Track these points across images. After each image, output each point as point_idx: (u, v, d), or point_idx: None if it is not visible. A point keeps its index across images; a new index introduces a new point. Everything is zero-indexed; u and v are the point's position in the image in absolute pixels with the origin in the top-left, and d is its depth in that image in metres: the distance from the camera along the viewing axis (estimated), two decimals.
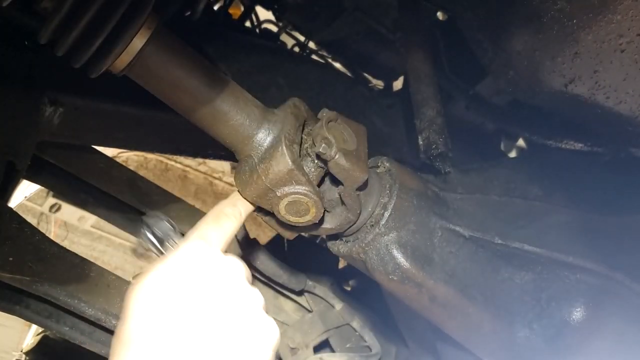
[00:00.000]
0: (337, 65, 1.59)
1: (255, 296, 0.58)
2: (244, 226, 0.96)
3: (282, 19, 1.51)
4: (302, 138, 0.69)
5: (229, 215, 0.66)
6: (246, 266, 0.60)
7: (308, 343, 1.06)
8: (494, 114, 1.00)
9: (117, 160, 1.67)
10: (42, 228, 2.67)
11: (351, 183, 0.67)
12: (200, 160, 2.77)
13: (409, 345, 1.08)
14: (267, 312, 0.58)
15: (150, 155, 2.71)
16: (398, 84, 1.53)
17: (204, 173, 2.88)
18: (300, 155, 0.67)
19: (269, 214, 0.70)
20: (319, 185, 0.69)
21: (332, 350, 1.09)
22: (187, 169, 2.84)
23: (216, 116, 0.65)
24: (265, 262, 1.01)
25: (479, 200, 0.81)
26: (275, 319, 1.06)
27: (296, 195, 0.64)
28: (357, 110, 1.29)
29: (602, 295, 0.73)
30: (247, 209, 0.68)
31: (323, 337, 1.08)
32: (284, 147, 0.64)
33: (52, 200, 2.49)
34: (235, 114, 0.65)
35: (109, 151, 1.62)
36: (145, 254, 0.67)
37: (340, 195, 0.68)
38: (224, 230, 0.64)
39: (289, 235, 0.74)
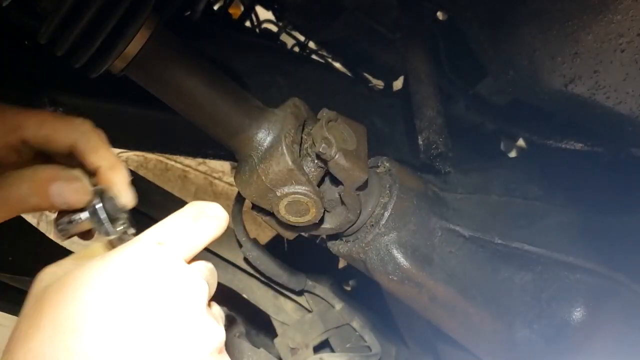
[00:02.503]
0: (337, 65, 1.59)
1: (210, 336, 0.45)
2: (243, 225, 0.96)
3: (282, 19, 1.51)
4: (302, 138, 0.69)
5: (212, 218, 0.53)
6: (210, 286, 0.48)
7: (308, 343, 1.06)
8: (494, 114, 1.00)
9: None
10: (42, 228, 2.67)
11: (351, 183, 0.67)
12: (200, 160, 2.77)
13: (409, 345, 1.08)
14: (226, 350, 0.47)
15: (150, 155, 2.71)
16: (398, 84, 1.53)
17: (204, 173, 2.88)
18: (300, 155, 0.67)
19: (269, 214, 0.70)
20: (319, 185, 0.69)
21: (332, 350, 1.09)
22: (187, 169, 2.84)
23: (216, 116, 0.65)
24: (265, 262, 1.01)
25: (479, 200, 0.81)
26: (275, 319, 1.07)
27: (296, 195, 0.64)
28: (357, 110, 1.29)
29: (602, 296, 0.73)
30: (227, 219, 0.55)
31: (323, 337, 1.08)
32: (284, 147, 0.64)
33: None
34: (235, 114, 0.65)
35: None
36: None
37: (340, 195, 0.68)
38: (199, 236, 0.51)
39: (289, 235, 0.74)
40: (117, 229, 0.57)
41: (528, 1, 0.72)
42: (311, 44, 1.57)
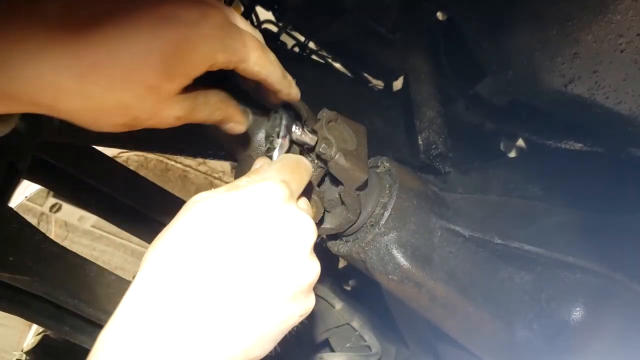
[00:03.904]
0: (337, 65, 1.59)
1: (310, 273, 0.50)
2: None
3: (282, 19, 1.51)
4: None
5: (307, 170, 0.58)
6: (316, 233, 0.52)
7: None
8: (494, 114, 1.00)
9: (117, 160, 1.67)
10: (43, 228, 2.67)
11: (351, 183, 0.67)
12: (200, 160, 2.78)
13: (408, 345, 1.08)
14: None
15: (150, 155, 2.71)
16: (398, 84, 1.53)
17: (204, 173, 2.88)
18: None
19: None
20: (319, 185, 0.69)
21: (332, 350, 1.09)
22: (187, 169, 2.84)
23: None
24: None
25: (478, 200, 0.81)
26: None
27: None
28: (357, 110, 1.29)
29: (601, 295, 0.73)
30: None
31: (323, 337, 1.08)
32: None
33: (52, 200, 2.49)
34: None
35: (109, 151, 1.63)
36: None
37: (340, 195, 0.68)
38: (302, 184, 0.55)
39: None
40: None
41: (528, 2, 0.73)
42: (311, 44, 1.57)
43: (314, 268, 0.51)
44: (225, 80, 0.56)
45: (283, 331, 0.48)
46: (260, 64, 0.54)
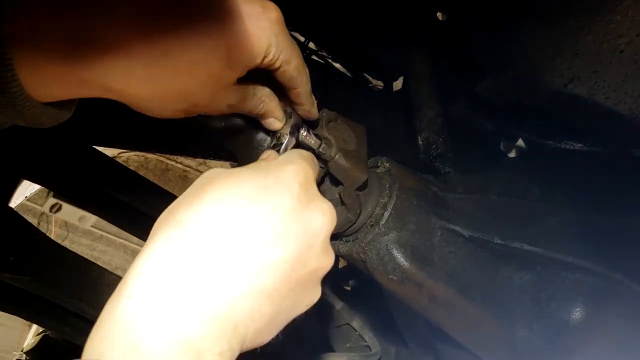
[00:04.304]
0: (337, 65, 1.59)
1: (324, 262, 0.49)
2: None
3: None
4: None
5: (317, 168, 0.58)
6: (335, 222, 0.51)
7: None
8: (494, 114, 1.00)
9: (117, 160, 1.67)
10: (43, 228, 2.67)
11: (351, 183, 0.67)
12: (201, 160, 2.78)
13: (408, 345, 1.08)
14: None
15: (150, 155, 2.71)
16: (398, 84, 1.53)
17: None
18: None
19: None
20: (319, 186, 0.69)
21: (332, 350, 1.09)
22: (188, 169, 2.85)
23: None
24: None
25: (478, 200, 0.81)
26: None
27: None
28: (357, 110, 1.29)
29: (601, 296, 0.73)
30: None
31: (323, 337, 1.08)
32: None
33: (52, 200, 2.49)
34: (235, 114, 0.65)
35: (109, 151, 1.63)
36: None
37: (340, 195, 0.68)
38: (315, 173, 0.55)
39: None
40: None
41: (528, 2, 0.73)
42: (311, 44, 1.57)
43: (329, 258, 0.50)
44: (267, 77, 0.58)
45: (289, 317, 0.48)
46: (299, 71, 0.56)
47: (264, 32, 0.50)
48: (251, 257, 0.42)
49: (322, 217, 0.49)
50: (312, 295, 0.50)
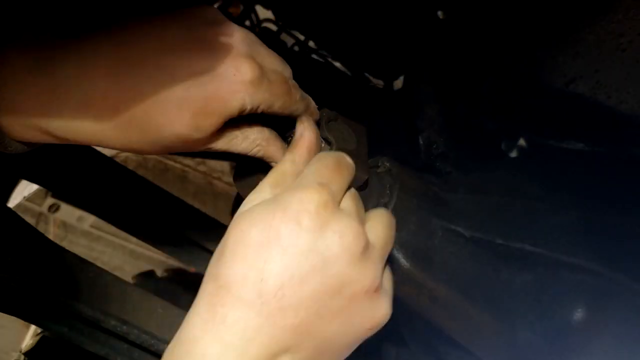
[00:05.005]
0: (337, 65, 1.59)
1: (361, 278, 0.47)
2: None
3: (282, 18, 1.51)
4: None
5: (349, 167, 0.56)
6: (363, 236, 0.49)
7: None
8: (495, 113, 0.99)
9: (116, 160, 1.67)
10: (41, 228, 2.66)
11: (351, 183, 0.66)
12: (200, 160, 2.77)
13: (409, 347, 1.08)
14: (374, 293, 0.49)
15: (149, 155, 2.70)
16: (398, 84, 1.53)
17: (203, 173, 2.88)
18: None
19: None
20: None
21: None
22: (187, 168, 2.84)
23: None
24: None
25: (479, 200, 0.81)
26: None
27: None
28: (357, 110, 1.29)
29: (603, 296, 0.73)
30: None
31: None
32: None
33: (51, 200, 2.48)
34: None
35: (109, 151, 1.62)
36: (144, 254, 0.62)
37: None
38: (344, 184, 0.53)
39: None
40: None
41: (528, 1, 0.72)
42: (311, 43, 1.57)
43: (365, 273, 0.48)
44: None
45: (350, 345, 0.49)
46: (284, 107, 0.55)
47: (234, 95, 0.48)
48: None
49: (339, 240, 0.46)
50: (371, 315, 0.49)
